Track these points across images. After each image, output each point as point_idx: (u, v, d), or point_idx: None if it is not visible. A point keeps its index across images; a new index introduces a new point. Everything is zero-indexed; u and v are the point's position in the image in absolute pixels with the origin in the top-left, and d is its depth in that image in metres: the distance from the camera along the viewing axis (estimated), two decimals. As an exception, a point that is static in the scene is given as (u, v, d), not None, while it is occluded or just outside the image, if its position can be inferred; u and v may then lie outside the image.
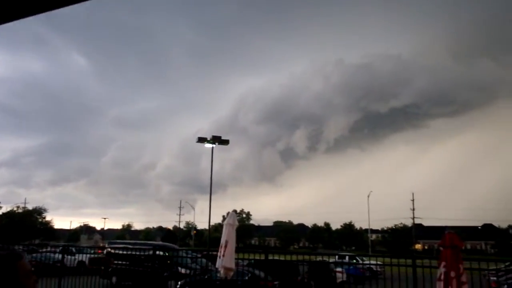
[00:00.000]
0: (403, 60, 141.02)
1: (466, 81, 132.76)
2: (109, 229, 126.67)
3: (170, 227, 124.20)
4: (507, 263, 16.44)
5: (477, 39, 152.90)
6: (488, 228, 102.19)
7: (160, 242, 39.60)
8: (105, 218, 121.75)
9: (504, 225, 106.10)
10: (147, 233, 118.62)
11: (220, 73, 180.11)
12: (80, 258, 21.54)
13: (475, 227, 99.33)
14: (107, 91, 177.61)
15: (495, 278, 19.04)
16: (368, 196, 79.61)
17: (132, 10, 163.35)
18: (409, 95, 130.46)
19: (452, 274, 5.31)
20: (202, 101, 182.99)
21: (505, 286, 17.16)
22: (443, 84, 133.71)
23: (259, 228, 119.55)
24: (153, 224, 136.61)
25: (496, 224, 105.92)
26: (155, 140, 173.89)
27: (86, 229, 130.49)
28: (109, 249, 24.05)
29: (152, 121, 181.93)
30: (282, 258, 17.62)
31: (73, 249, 24.65)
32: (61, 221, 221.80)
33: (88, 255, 23.27)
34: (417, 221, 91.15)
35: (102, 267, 20.77)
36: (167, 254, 20.13)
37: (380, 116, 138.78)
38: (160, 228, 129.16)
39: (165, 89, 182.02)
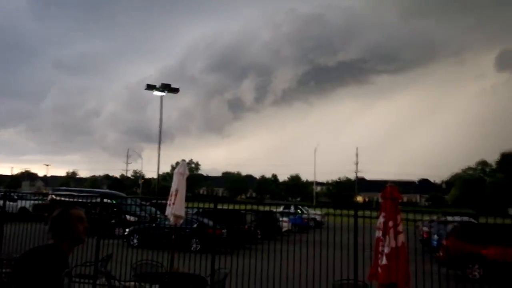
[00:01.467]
0: (353, 13, 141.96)
1: (411, 39, 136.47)
2: (52, 176, 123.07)
3: (117, 175, 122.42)
4: (438, 215, 17.76)
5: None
6: (424, 183, 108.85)
7: (107, 190, 39.09)
8: (47, 165, 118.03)
9: (438, 180, 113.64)
10: (93, 181, 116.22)
11: (170, 17, 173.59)
12: (22, 205, 20.93)
13: (413, 182, 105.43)
14: (46, 30, 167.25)
15: (426, 228, 20.58)
16: (315, 150, 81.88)
17: None
18: (357, 50, 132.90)
19: (390, 223, 5.63)
20: (149, 46, 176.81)
21: (435, 235, 18.60)
22: (390, 41, 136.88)
23: (208, 178, 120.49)
24: (99, 172, 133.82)
25: (431, 179, 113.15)
26: (99, 84, 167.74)
27: (28, 176, 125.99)
28: (54, 196, 23.49)
29: (95, 64, 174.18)
30: (230, 207, 17.96)
31: (15, 195, 23.83)
32: (0, 167, 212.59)
33: (31, 202, 22.63)
34: (360, 174, 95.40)
35: (47, 214, 20.34)
36: (114, 202, 19.98)
37: (327, 69, 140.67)
38: (107, 176, 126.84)
39: (109, 31, 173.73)
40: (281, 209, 31.22)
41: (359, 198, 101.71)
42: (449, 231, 15.44)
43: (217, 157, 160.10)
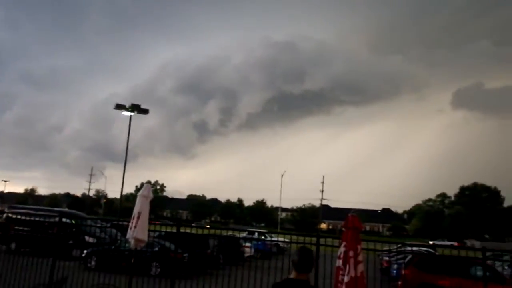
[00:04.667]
0: (324, 45, 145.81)
1: (377, 73, 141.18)
2: (9, 193, 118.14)
3: (79, 194, 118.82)
4: (398, 245, 18.04)
5: (391, 35, 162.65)
6: (386, 212, 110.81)
7: (67, 209, 37.88)
8: (5, 181, 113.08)
9: (400, 210, 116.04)
10: (53, 199, 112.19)
11: (141, 37, 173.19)
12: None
13: (375, 211, 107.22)
14: (13, 41, 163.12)
15: (387, 258, 20.88)
16: (282, 176, 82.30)
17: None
18: (323, 80, 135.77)
19: (351, 253, 5.72)
20: (118, 64, 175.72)
21: (395, 265, 18.87)
22: (356, 74, 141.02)
23: (172, 201, 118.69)
24: (59, 190, 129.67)
25: (393, 209, 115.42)
26: (64, 100, 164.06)
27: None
28: (9, 214, 22.55)
29: (62, 80, 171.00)
30: (193, 231, 17.74)
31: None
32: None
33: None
34: (324, 202, 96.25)
35: (1, 233, 19.54)
36: (73, 221, 19.38)
37: (293, 97, 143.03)
38: (68, 195, 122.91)
39: (79, 47, 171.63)
40: (244, 234, 31.03)
41: (323, 225, 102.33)
42: (408, 261, 15.71)
43: (182, 179, 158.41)
